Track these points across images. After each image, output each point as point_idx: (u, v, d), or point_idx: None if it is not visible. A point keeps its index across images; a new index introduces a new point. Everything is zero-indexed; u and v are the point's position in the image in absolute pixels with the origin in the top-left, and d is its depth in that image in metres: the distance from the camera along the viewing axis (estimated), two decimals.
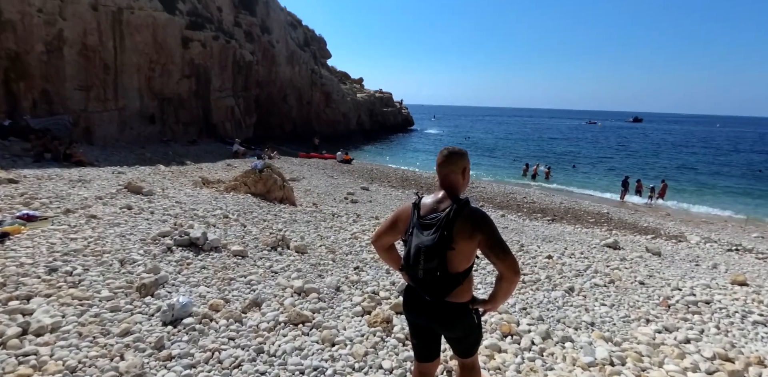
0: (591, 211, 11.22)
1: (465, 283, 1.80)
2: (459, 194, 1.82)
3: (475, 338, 1.99)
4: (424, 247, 1.72)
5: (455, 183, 1.84)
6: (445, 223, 1.69)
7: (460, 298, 1.81)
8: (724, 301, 4.80)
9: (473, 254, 1.78)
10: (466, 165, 1.86)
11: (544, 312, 4.15)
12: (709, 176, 26.11)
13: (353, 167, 17.10)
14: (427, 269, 1.74)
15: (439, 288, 1.78)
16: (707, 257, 7.20)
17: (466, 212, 1.71)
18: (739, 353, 3.59)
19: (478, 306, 1.88)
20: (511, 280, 1.75)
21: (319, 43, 36.98)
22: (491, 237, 1.69)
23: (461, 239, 1.69)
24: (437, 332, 2.00)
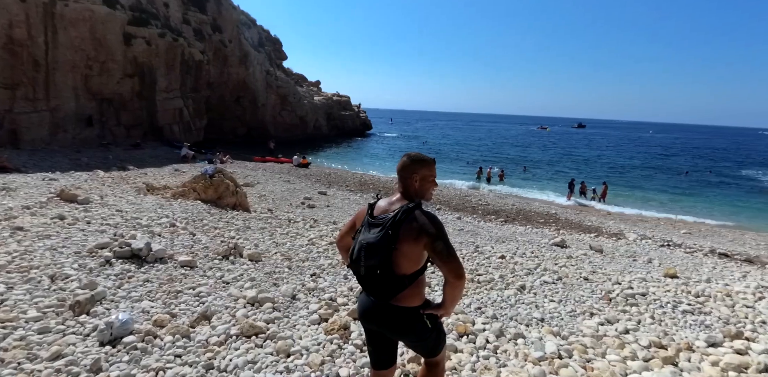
0: (541, 212, 11.80)
1: (413, 287, 1.78)
2: (414, 198, 1.84)
3: (433, 342, 1.95)
4: (366, 244, 1.75)
5: (408, 187, 1.86)
6: (391, 223, 1.71)
7: (409, 302, 1.79)
8: (658, 293, 5.20)
9: (421, 257, 1.77)
10: (417, 171, 1.84)
11: (497, 311, 4.28)
12: (642, 178, 28.37)
13: (310, 171, 16.86)
14: (367, 266, 1.75)
15: (382, 289, 1.78)
16: (643, 253, 7.78)
17: (413, 215, 1.73)
18: (671, 340, 3.90)
19: (431, 311, 1.85)
20: (454, 285, 1.75)
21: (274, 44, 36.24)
22: (437, 241, 1.69)
23: (406, 241, 1.70)
24: (390, 338, 1.98)
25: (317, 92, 42.70)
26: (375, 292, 1.81)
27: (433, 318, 1.89)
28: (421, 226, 1.70)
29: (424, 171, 1.85)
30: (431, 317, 1.87)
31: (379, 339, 1.98)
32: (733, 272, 6.93)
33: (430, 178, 1.88)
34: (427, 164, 1.87)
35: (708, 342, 3.89)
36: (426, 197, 1.89)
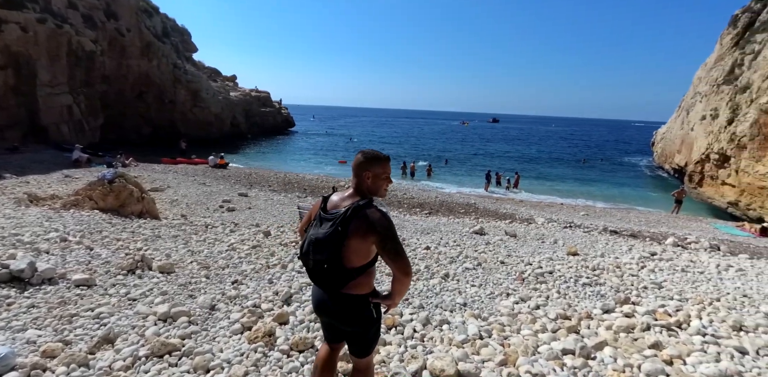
0: (461, 202, 12.47)
1: (361, 277, 1.84)
2: (366, 195, 1.88)
3: (372, 335, 2.00)
4: (315, 239, 1.80)
5: (360, 184, 1.89)
6: (341, 220, 1.75)
7: (357, 290, 1.85)
8: (563, 270, 5.79)
9: (370, 252, 1.82)
10: (370, 168, 1.87)
11: (423, 300, 4.44)
12: (548, 167, 31.44)
13: (229, 172, 15.88)
14: (315, 260, 1.81)
15: (330, 281, 1.84)
16: (550, 235, 8.62)
17: (364, 212, 1.76)
18: (574, 311, 4.37)
19: (379, 301, 1.91)
20: (401, 281, 1.81)
21: (182, 34, 33.33)
22: (385, 239, 1.72)
23: (355, 237, 1.73)
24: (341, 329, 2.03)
25: (233, 88, 40.34)
26: (323, 284, 1.87)
27: (379, 308, 1.96)
28: (370, 224, 1.73)
29: (377, 169, 1.88)
30: (377, 306, 1.95)
31: (332, 326, 2.06)
32: (621, 247, 7.98)
33: (383, 175, 1.90)
34: (381, 161, 1.90)
35: (603, 309, 4.44)
36: (379, 194, 1.94)
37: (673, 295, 4.96)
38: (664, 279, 5.60)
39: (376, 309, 1.93)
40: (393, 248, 1.72)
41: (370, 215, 1.74)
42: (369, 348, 2.03)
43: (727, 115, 18.17)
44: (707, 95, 21.78)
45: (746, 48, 19.71)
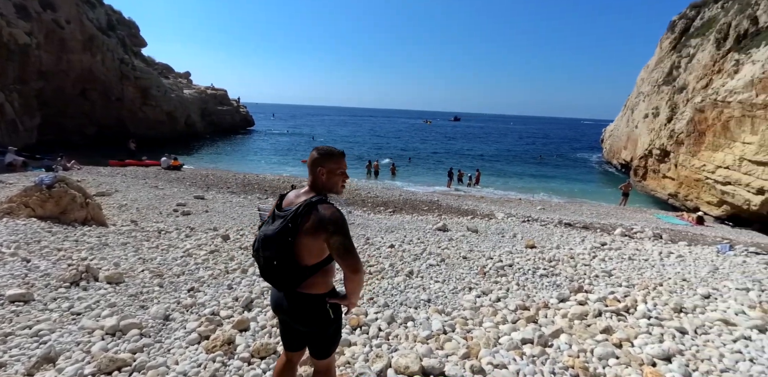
0: (425, 200, 12.63)
1: (317, 276, 1.81)
2: (321, 191, 1.87)
3: (331, 336, 1.95)
4: (264, 235, 1.79)
5: (315, 180, 1.87)
6: (292, 216, 1.73)
7: (313, 289, 1.82)
8: (521, 262, 6.01)
9: (323, 250, 1.79)
10: (324, 164, 1.85)
11: (388, 298, 4.45)
12: (508, 164, 32.54)
13: (184, 173, 15.16)
14: (265, 257, 1.79)
15: (280, 279, 1.81)
16: (509, 229, 8.91)
17: (315, 209, 1.74)
18: (532, 301, 4.54)
19: (336, 301, 1.87)
20: (351, 279, 1.78)
21: (129, 28, 31.38)
22: (334, 236, 1.69)
23: (305, 235, 1.71)
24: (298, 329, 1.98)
25: (188, 85, 38.60)
26: (274, 282, 1.84)
27: (337, 308, 1.92)
28: (319, 220, 1.70)
29: (331, 164, 1.86)
30: (334, 307, 1.90)
31: (289, 328, 2.01)
32: (575, 238, 8.39)
33: (338, 171, 1.89)
34: (334, 157, 1.88)
35: (559, 298, 4.64)
36: (335, 190, 1.91)
37: (622, 282, 5.28)
38: (614, 267, 5.95)
39: (333, 309, 1.90)
40: (341, 245, 1.68)
41: (321, 212, 1.71)
42: (329, 350, 2.00)
43: (666, 113, 19.57)
44: (649, 95, 23.36)
45: (683, 52, 21.32)
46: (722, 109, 14.17)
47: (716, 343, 3.52)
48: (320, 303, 1.84)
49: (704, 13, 22.22)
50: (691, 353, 3.32)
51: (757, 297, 4.76)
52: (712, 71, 17.16)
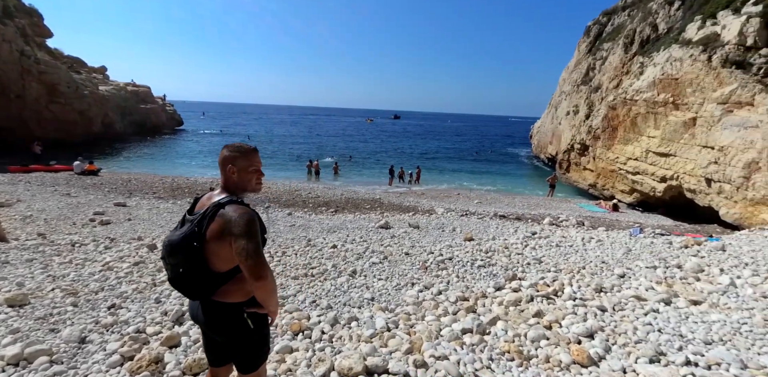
0: (367, 198, 12.65)
1: (233, 283, 1.70)
2: (235, 191, 1.76)
3: (254, 347, 1.82)
4: (168, 241, 1.68)
5: (227, 180, 1.77)
6: (198, 220, 1.64)
7: (228, 298, 1.71)
8: (461, 255, 6.23)
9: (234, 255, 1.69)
10: (234, 162, 1.74)
11: (332, 300, 4.38)
12: (446, 161, 33.66)
13: (102, 179, 13.76)
14: (171, 264, 1.68)
15: (189, 287, 1.69)
16: (449, 224, 9.21)
17: (223, 210, 1.63)
18: (471, 292, 4.72)
19: (255, 310, 1.74)
20: (255, 287, 1.61)
21: (30, 16, 27.69)
22: (238, 240, 1.56)
23: (212, 239, 1.61)
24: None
25: (104, 81, 35.09)
26: (183, 290, 1.71)
27: (257, 317, 1.78)
28: (226, 222, 1.60)
29: (241, 162, 1.75)
30: (254, 316, 1.76)
31: (209, 339, 1.89)
32: (509, 229, 8.88)
33: (250, 168, 1.78)
34: (245, 153, 1.77)
35: (495, 287, 4.88)
36: (249, 189, 1.80)
37: (550, 268, 5.67)
38: (543, 255, 6.38)
39: (253, 318, 1.76)
40: (243, 248, 1.55)
41: (228, 213, 1.61)
42: (254, 363, 1.86)
43: (585, 111, 21.41)
44: (570, 94, 25.40)
45: (597, 54, 23.42)
46: (630, 106, 15.81)
47: (631, 318, 3.90)
48: (237, 313, 1.72)
49: (614, 20, 24.61)
50: (611, 329, 3.65)
51: (663, 274, 5.36)
52: (622, 73, 19.07)
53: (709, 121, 11.45)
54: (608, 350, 3.23)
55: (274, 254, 5.94)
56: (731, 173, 10.35)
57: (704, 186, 11.68)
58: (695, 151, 12.09)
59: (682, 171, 12.70)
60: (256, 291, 1.65)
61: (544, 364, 3.02)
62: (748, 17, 11.51)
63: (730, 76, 11.11)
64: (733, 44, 11.53)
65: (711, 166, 11.21)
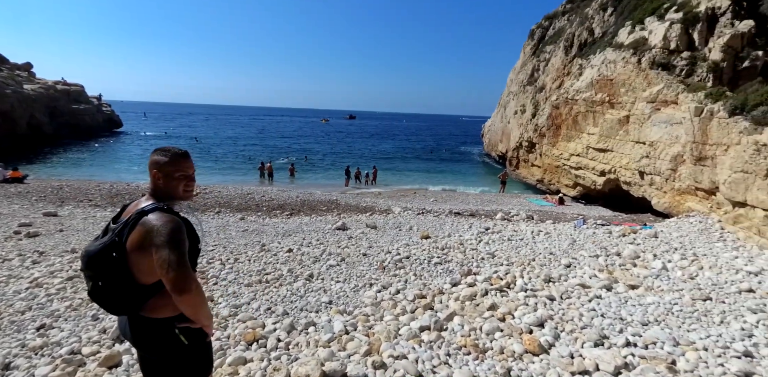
0: (323, 200, 12.47)
1: (159, 297, 1.57)
2: (161, 199, 1.64)
3: (191, 365, 1.67)
4: (86, 252, 1.56)
5: (154, 186, 1.66)
6: (119, 229, 1.53)
7: (157, 313, 1.58)
8: (418, 253, 6.29)
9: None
10: (160, 167, 1.63)
11: (288, 306, 4.26)
12: (402, 160, 34.01)
13: (28, 186, 12.51)
14: (88, 276, 1.57)
15: (109, 301, 1.57)
16: (405, 223, 9.29)
17: (145, 219, 1.51)
18: (428, 289, 4.78)
19: (188, 324, 1.61)
20: (178, 301, 1.47)
21: None
22: (159, 251, 1.45)
23: (133, 249, 1.50)
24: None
25: (29, 79, 32.04)
26: (103, 305, 1.58)
27: (192, 333, 1.63)
28: (147, 232, 1.48)
29: (168, 167, 1.64)
30: (188, 331, 1.62)
31: (142, 357, 1.75)
32: (463, 225, 9.10)
33: (176, 174, 1.65)
34: (172, 158, 1.65)
35: (452, 283, 4.97)
36: (176, 196, 1.67)
37: (503, 261, 5.88)
38: (496, 249, 6.60)
39: (186, 334, 1.62)
40: (164, 260, 1.43)
41: (150, 222, 1.49)
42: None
43: (531, 110, 22.45)
44: (517, 94, 26.52)
45: (541, 56, 24.63)
46: (572, 106, 16.78)
47: (576, 305, 4.13)
48: (167, 328, 1.60)
49: (555, 24, 26.01)
50: (559, 316, 3.84)
51: (604, 262, 5.73)
52: (563, 74, 20.19)
53: (641, 118, 12.40)
54: (557, 337, 3.38)
55: (226, 261, 5.69)
56: (660, 166, 11.29)
57: (638, 179, 12.64)
58: (629, 146, 13.06)
59: (619, 165, 13.68)
60: (180, 306, 1.51)
61: (499, 356, 3.11)
62: (671, 23, 12.59)
63: (657, 77, 12.10)
64: (658, 48, 12.57)
65: (643, 160, 12.16)
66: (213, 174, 22.15)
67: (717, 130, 9.18)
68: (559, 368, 2.87)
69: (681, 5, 13.05)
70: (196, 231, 1.69)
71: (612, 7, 18.69)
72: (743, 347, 3.03)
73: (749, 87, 9.40)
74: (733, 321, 3.60)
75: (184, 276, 1.44)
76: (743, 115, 8.57)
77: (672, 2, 13.66)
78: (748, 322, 3.55)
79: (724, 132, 8.95)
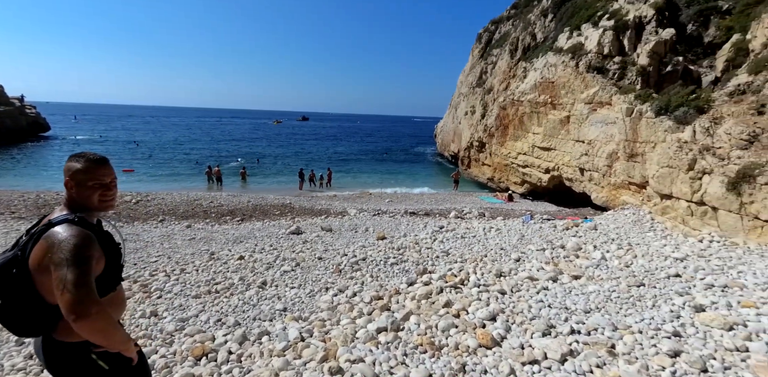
0: (276, 204, 12.13)
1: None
2: (76, 209, 1.51)
3: None
4: None
5: (66, 197, 1.54)
6: (24, 243, 1.41)
7: (71, 336, 1.43)
8: (374, 255, 6.28)
9: None
10: (72, 175, 1.50)
11: (239, 316, 4.08)
12: (357, 161, 33.93)
13: None
14: None
15: (15, 322, 1.43)
16: (361, 224, 9.26)
17: (49, 232, 1.37)
18: (385, 290, 4.78)
19: (105, 348, 1.46)
20: (73, 327, 1.30)
21: None
22: (58, 269, 1.31)
23: (34, 265, 1.36)
24: None
25: None
26: (7, 326, 1.43)
27: (112, 357, 1.49)
28: (48, 247, 1.34)
29: (81, 175, 1.50)
30: (107, 355, 1.48)
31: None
32: (418, 225, 9.23)
33: (90, 182, 1.51)
34: (86, 164, 1.52)
35: (408, 282, 5.00)
36: (91, 207, 1.52)
37: (457, 259, 6.02)
38: (450, 247, 6.75)
39: (107, 358, 1.49)
40: (63, 278, 1.28)
41: (54, 236, 1.36)
42: None
43: (480, 111, 23.27)
44: (467, 96, 27.37)
45: (488, 59, 25.59)
46: (518, 107, 17.59)
47: (526, 297, 4.30)
48: (81, 353, 1.46)
49: (501, 29, 27.15)
50: (510, 309, 3.97)
51: (550, 254, 6.03)
52: (509, 76, 21.12)
53: (580, 118, 13.25)
54: (508, 329, 3.50)
55: (171, 272, 5.36)
56: (598, 163, 12.12)
57: (579, 175, 13.49)
58: (570, 145, 13.90)
59: (561, 163, 14.52)
60: (85, 334, 1.34)
61: (454, 352, 3.16)
62: (604, 30, 13.58)
63: (593, 80, 12.99)
64: (594, 53, 13.51)
65: (583, 157, 12.99)
66: (156, 180, 20.87)
67: (645, 129, 10.01)
68: (510, 359, 2.96)
69: (612, 13, 14.11)
70: (120, 245, 1.56)
71: (552, 14, 19.82)
72: (672, 327, 3.29)
73: (672, 90, 10.34)
74: (663, 304, 3.91)
75: (81, 299, 1.28)
76: (667, 115, 9.40)
77: (604, 10, 14.73)
78: (676, 304, 3.87)
79: (652, 131, 9.77)
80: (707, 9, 12.53)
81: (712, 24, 12.29)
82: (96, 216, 1.57)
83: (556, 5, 19.40)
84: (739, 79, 8.69)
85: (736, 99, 8.20)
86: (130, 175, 21.90)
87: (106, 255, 1.46)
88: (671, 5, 13.45)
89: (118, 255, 1.54)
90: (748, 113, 7.50)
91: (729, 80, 9.31)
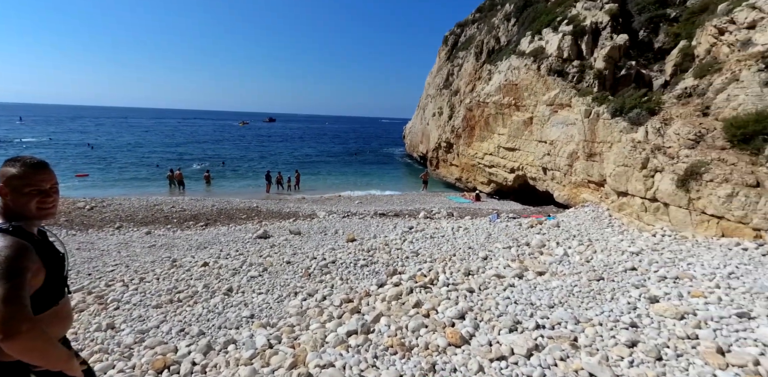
0: (242, 208, 11.81)
1: None
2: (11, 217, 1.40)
3: None
4: None
5: (0, 204, 1.43)
6: None
7: (5, 355, 1.30)
8: (344, 257, 6.22)
9: None
10: (6, 180, 1.39)
11: (204, 325, 3.93)
12: (324, 163, 33.63)
13: None
14: None
15: None
16: (331, 226, 9.17)
17: None
18: (355, 293, 4.74)
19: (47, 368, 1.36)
20: (1, 345, 1.20)
21: None
22: None
23: None
24: None
25: None
26: None
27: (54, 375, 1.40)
28: None
29: (15, 180, 1.40)
30: (48, 375, 1.39)
31: None
32: (388, 226, 9.24)
33: (26, 189, 1.41)
34: (21, 169, 1.42)
35: (378, 284, 4.99)
36: (28, 215, 1.41)
37: (426, 259, 6.06)
38: (420, 247, 6.79)
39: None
40: None
41: None
42: None
43: (447, 112, 23.64)
44: (435, 97, 27.75)
45: (455, 62, 26.04)
46: (483, 108, 18.01)
47: (493, 295, 4.39)
48: (19, 373, 1.37)
49: (467, 32, 27.71)
50: (478, 307, 4.04)
51: (516, 252, 6.19)
52: (475, 78, 21.59)
53: (542, 120, 13.73)
54: (477, 327, 3.56)
55: (129, 282, 5.10)
56: (559, 162, 12.60)
57: (542, 174, 13.97)
58: (533, 145, 14.37)
59: (525, 163, 14.99)
60: (9, 353, 1.23)
61: (424, 351, 3.17)
62: (563, 35, 14.13)
63: (553, 82, 13.49)
64: (554, 56, 14.03)
65: (545, 157, 13.46)
66: (113, 185, 19.83)
67: (602, 129, 10.50)
68: (479, 357, 3.01)
69: (571, 19, 14.72)
70: (64, 256, 1.46)
71: (515, 18, 20.42)
72: (629, 319, 3.46)
73: (626, 92, 10.90)
74: (621, 297, 4.10)
75: (11, 316, 1.19)
76: (622, 116, 9.90)
77: (563, 16, 15.33)
78: (632, 296, 4.07)
79: (608, 131, 10.26)
80: (657, 16, 13.30)
81: (662, 31, 13.06)
82: (36, 225, 1.46)
83: (519, 10, 20.01)
84: (686, 83, 9.28)
85: (683, 101, 8.76)
86: (83, 180, 20.70)
87: (46, 267, 1.35)
88: (624, 12, 14.19)
89: (61, 267, 1.43)
90: (695, 115, 8.02)
91: (677, 84, 9.93)
